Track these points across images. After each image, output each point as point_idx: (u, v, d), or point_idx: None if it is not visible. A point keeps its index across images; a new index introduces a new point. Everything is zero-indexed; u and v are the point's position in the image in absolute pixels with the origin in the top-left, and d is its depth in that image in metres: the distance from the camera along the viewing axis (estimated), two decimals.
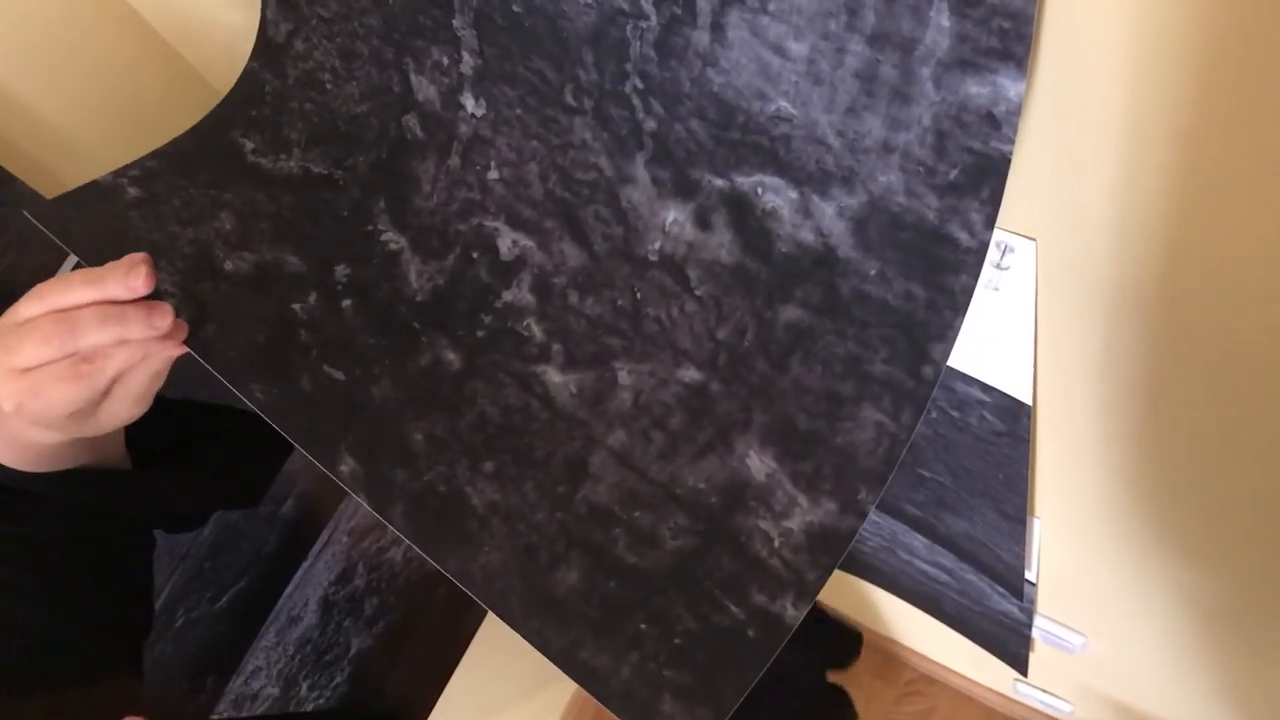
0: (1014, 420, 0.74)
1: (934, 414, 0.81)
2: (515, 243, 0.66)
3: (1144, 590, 0.96)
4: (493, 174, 0.66)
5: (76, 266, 0.85)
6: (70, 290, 0.58)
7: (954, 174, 0.48)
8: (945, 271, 0.51)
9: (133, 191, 0.71)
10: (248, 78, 0.75)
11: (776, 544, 0.56)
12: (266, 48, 0.74)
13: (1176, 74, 0.41)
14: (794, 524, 0.56)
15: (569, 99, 0.60)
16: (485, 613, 1.65)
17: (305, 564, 1.35)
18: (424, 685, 1.59)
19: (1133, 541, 0.87)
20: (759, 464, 0.58)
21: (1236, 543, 0.77)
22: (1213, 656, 1.01)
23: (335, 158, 0.72)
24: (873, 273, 0.53)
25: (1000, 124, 0.45)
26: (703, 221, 0.59)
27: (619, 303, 0.63)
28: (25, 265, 0.92)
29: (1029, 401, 0.71)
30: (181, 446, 0.79)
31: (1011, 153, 0.46)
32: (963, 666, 1.88)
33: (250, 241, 0.70)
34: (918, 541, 1.14)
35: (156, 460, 0.75)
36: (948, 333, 0.52)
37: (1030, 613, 1.15)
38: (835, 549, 0.55)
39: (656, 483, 0.60)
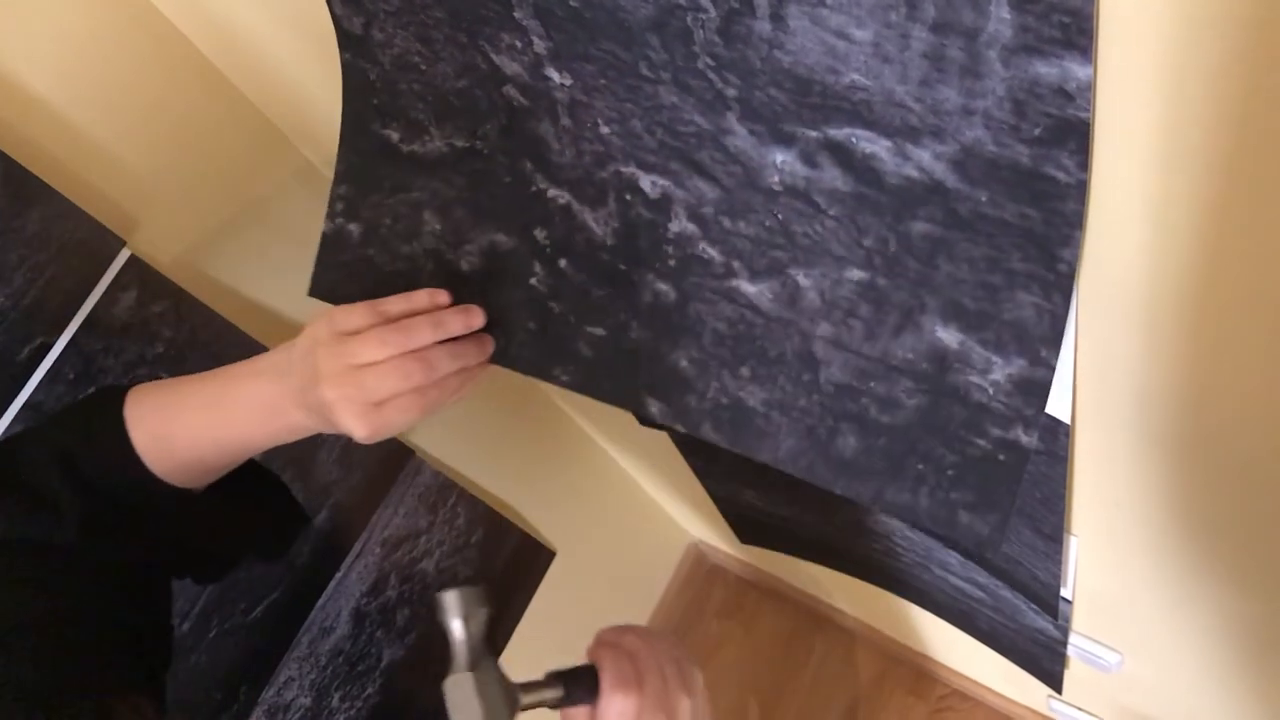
0: (1052, 439, 0.73)
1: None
2: (654, 183, 0.70)
3: (1182, 609, 0.95)
4: (604, 129, 0.69)
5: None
6: (416, 332, 0.69)
7: (1038, 131, 0.48)
8: (1053, 199, 0.52)
9: (352, 228, 0.81)
10: (349, 69, 0.78)
11: (991, 392, 0.63)
12: (349, 39, 0.76)
13: (1211, 99, 0.41)
14: (998, 376, 0.63)
15: (646, 72, 0.62)
16: (516, 624, 1.66)
17: (338, 575, 1.36)
18: None
19: (1171, 560, 0.86)
20: (949, 336, 0.64)
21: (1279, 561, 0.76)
22: (1253, 676, 1.00)
23: (467, 129, 0.76)
24: (984, 199, 0.55)
25: (1074, 97, 0.45)
26: (810, 161, 0.60)
27: (767, 224, 0.66)
28: (67, 276, 0.93)
29: (1067, 420, 0.71)
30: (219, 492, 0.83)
31: (1090, 118, 0.46)
32: (996, 683, 1.86)
33: (461, 233, 0.78)
34: (952, 558, 1.13)
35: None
36: (1071, 239, 0.54)
37: (1066, 630, 1.14)
38: (1039, 393, 0.62)
39: (873, 359, 0.67)
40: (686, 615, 2.32)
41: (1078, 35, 0.41)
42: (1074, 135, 0.47)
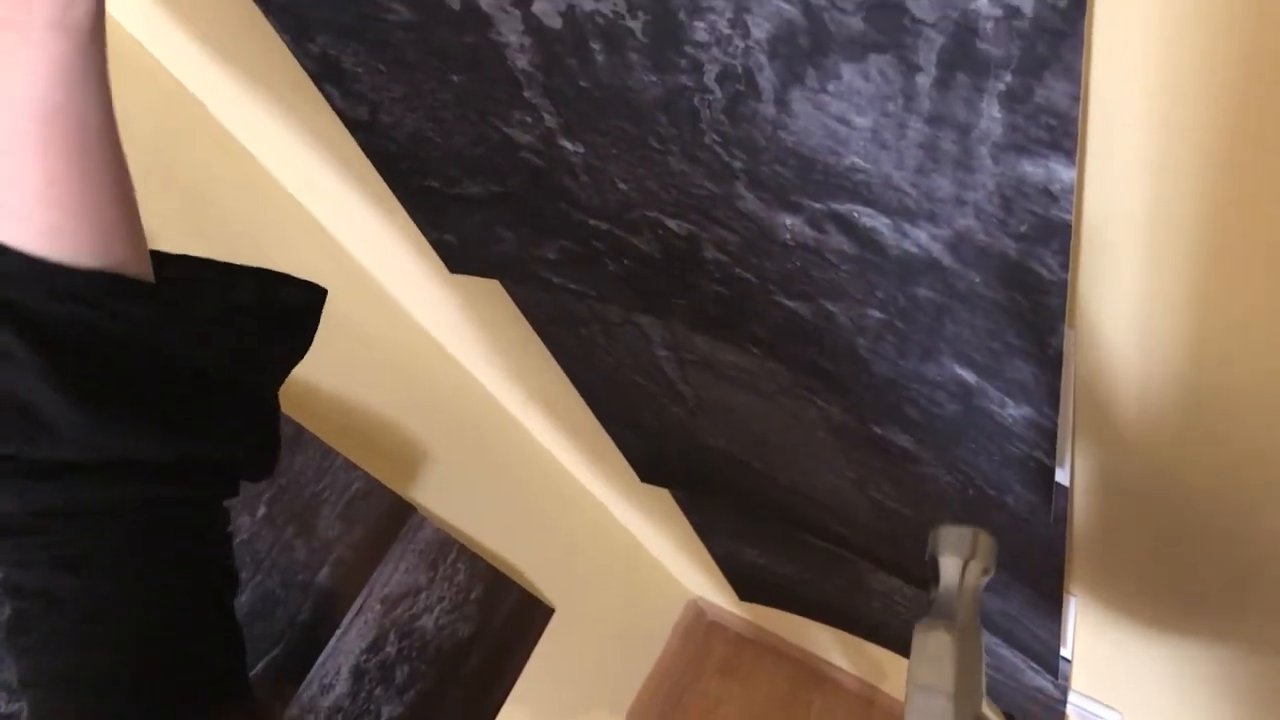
0: (1052, 501, 0.74)
1: (971, 492, 0.81)
2: (680, 225, 0.71)
3: (1183, 667, 0.95)
4: (622, 186, 0.71)
5: None
6: None
7: (1024, 228, 0.50)
8: (1039, 292, 0.54)
9: (449, 238, 0.92)
10: (365, 147, 0.81)
11: (1010, 423, 0.67)
12: (357, 125, 0.78)
13: (1197, 177, 0.43)
14: (1014, 413, 0.66)
15: (655, 144, 0.63)
16: (515, 680, 1.65)
17: (338, 632, 1.36)
18: None
19: (1171, 618, 0.87)
20: (966, 374, 0.67)
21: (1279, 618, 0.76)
22: None
23: (497, 179, 0.78)
24: (978, 280, 0.57)
25: (1057, 198, 0.47)
26: (817, 227, 0.62)
27: (788, 266, 0.68)
28: None
29: (1066, 482, 0.72)
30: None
31: (1071, 221, 0.47)
32: None
33: (534, 241, 0.84)
34: None
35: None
36: (1056, 329, 0.56)
37: (1065, 689, 1.14)
38: (1048, 436, 0.65)
39: (909, 373, 0.71)
40: (685, 672, 2.31)
41: (1063, 137, 0.43)
42: (1057, 236, 0.49)
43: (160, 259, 0.60)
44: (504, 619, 1.63)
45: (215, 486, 0.63)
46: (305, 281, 0.67)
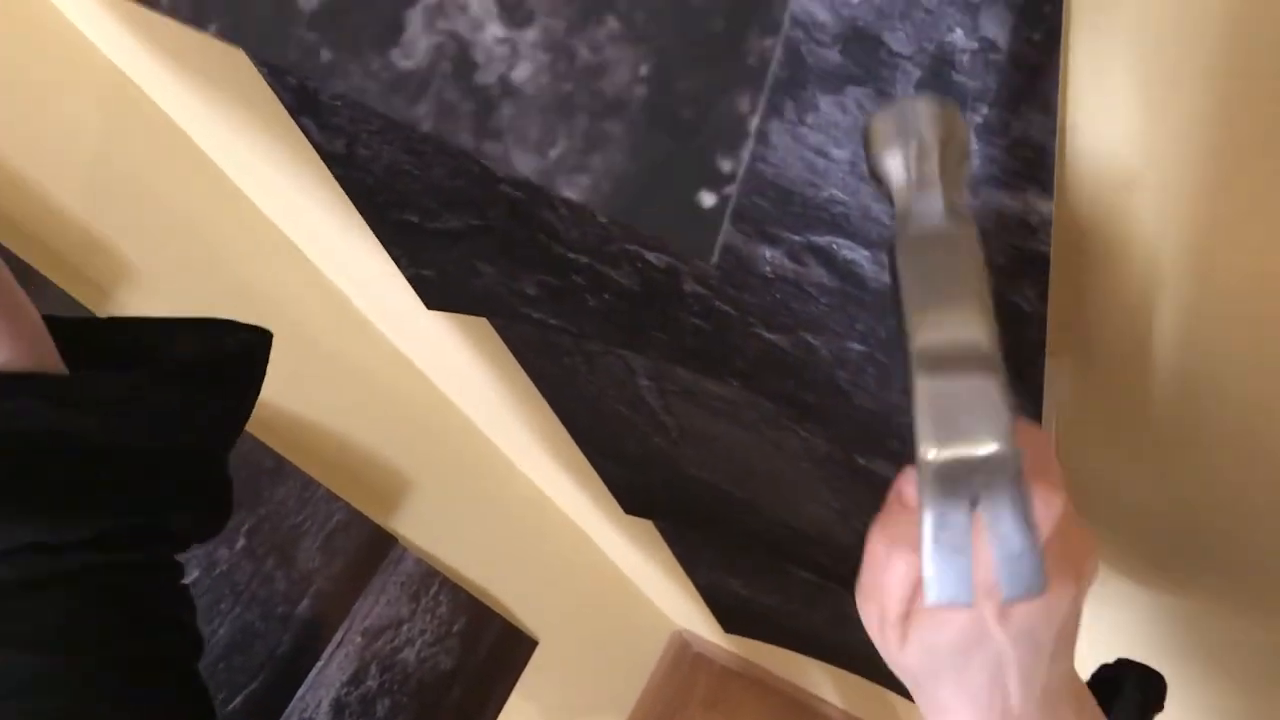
0: None
1: None
2: (659, 257, 0.71)
3: (1178, 692, 0.95)
4: (601, 218, 0.71)
5: None
6: None
7: (1002, 260, 0.50)
8: (1017, 324, 0.54)
9: (427, 273, 0.91)
10: (343, 180, 0.80)
11: None
12: (334, 159, 0.78)
13: (1175, 208, 0.44)
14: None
15: None
16: (497, 714, 1.64)
17: (318, 665, 1.34)
18: None
19: (1164, 648, 0.87)
20: None
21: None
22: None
23: (476, 212, 0.78)
24: None
25: (1036, 230, 0.47)
26: (796, 259, 0.62)
27: (767, 299, 0.68)
28: None
29: None
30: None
31: (1049, 253, 0.47)
32: None
33: (514, 274, 0.84)
34: None
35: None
36: (1036, 362, 0.56)
37: None
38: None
39: (891, 405, 0.71)
40: (670, 705, 2.29)
41: (1039, 169, 0.43)
42: (1035, 267, 0.49)
43: (95, 326, 0.60)
44: (487, 651, 1.61)
45: (148, 550, 0.60)
46: (249, 326, 0.65)
